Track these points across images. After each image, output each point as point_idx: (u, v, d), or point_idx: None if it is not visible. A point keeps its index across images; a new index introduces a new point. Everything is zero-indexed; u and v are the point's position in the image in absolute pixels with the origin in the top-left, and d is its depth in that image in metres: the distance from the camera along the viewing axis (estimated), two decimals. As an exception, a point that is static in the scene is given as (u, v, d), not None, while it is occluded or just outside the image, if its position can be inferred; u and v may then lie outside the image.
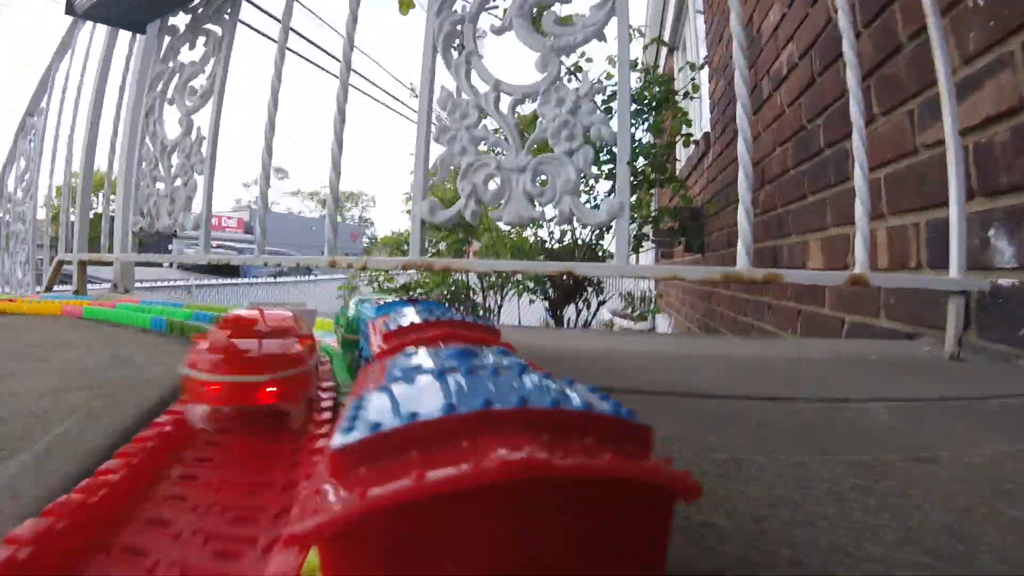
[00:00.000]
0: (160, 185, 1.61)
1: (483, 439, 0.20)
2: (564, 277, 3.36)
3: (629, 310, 5.00)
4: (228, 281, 8.42)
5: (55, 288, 2.14)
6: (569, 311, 3.70)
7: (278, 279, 9.01)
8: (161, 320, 0.99)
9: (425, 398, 0.22)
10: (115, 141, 1.86)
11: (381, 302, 0.55)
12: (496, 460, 0.18)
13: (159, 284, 7.25)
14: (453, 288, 3.59)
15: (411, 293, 3.59)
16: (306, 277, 9.70)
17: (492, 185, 1.05)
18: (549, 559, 0.20)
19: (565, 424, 0.22)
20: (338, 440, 0.20)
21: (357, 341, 0.66)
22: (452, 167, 1.09)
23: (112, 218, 1.78)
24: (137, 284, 2.24)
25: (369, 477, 0.18)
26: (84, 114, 1.94)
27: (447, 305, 0.57)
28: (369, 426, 0.20)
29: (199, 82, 1.55)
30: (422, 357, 0.31)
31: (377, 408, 0.22)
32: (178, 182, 1.55)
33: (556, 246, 3.56)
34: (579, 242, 3.44)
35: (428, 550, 0.18)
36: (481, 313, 3.55)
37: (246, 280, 8.89)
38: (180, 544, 0.29)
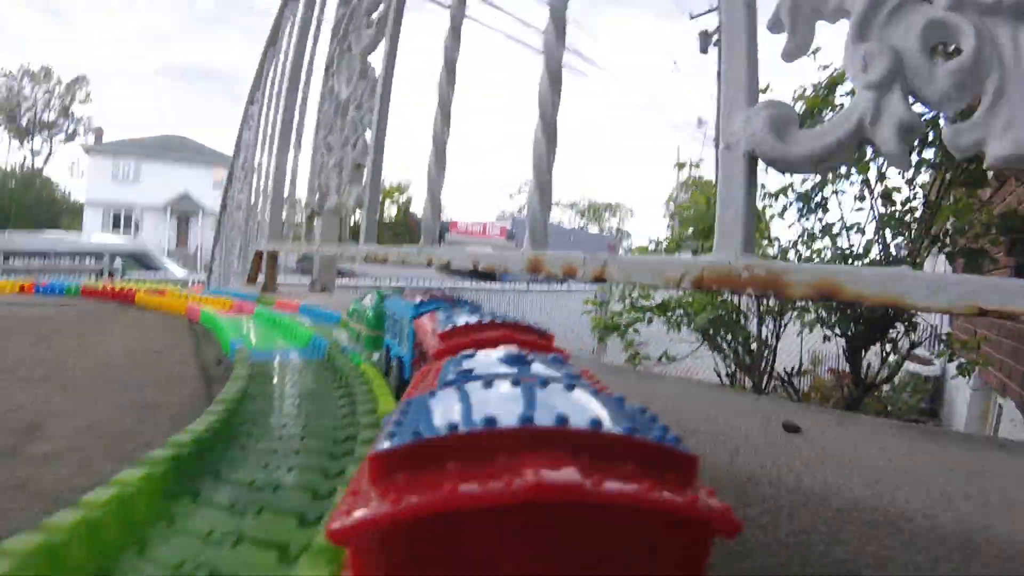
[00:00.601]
0: (332, 155, 1.39)
1: (522, 456, 0.20)
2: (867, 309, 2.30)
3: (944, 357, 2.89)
4: (474, 285, 7.14)
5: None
6: (870, 354, 2.55)
7: (529, 287, 7.53)
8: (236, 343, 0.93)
9: (469, 408, 0.23)
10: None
11: (418, 299, 0.55)
12: (528, 481, 0.18)
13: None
14: (721, 313, 2.69)
15: (671, 312, 2.82)
16: (561, 287, 7.74)
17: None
18: (578, 582, 0.20)
19: (606, 447, 0.22)
20: (380, 445, 0.21)
21: (379, 337, 0.65)
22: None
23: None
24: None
25: (406, 484, 0.19)
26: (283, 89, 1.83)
27: (480, 307, 0.56)
28: (410, 434, 0.20)
29: (376, 14, 1.33)
30: (475, 362, 0.32)
31: (420, 416, 0.22)
32: (347, 146, 1.33)
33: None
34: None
35: (455, 562, 0.18)
36: (753, 347, 2.70)
37: (497, 286, 7.78)
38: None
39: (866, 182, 2.44)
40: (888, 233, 2.43)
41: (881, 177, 2.40)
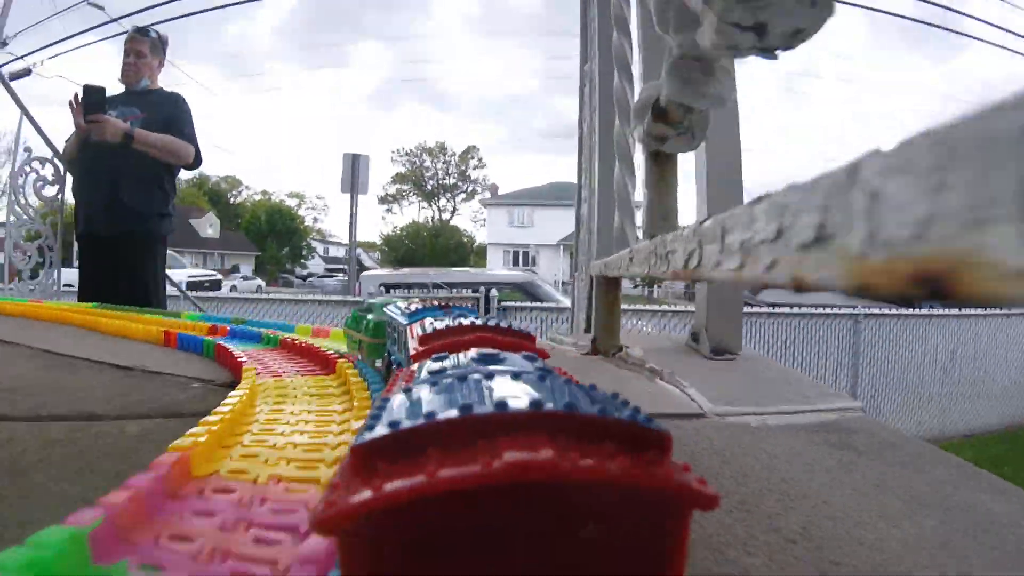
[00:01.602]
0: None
1: (500, 440, 0.21)
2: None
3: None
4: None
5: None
6: None
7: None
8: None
9: (445, 399, 0.23)
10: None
11: (412, 308, 0.56)
12: (506, 461, 0.18)
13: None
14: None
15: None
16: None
17: None
18: (562, 563, 0.20)
19: (581, 427, 0.22)
20: (359, 437, 0.21)
21: (381, 345, 0.67)
22: None
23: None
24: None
25: (387, 473, 0.19)
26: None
27: (477, 311, 0.57)
28: (388, 424, 0.21)
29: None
30: (449, 360, 0.32)
31: (397, 408, 0.22)
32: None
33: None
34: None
35: (440, 546, 0.19)
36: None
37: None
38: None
39: None
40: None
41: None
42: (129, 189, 2.04)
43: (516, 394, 0.24)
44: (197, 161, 2.18)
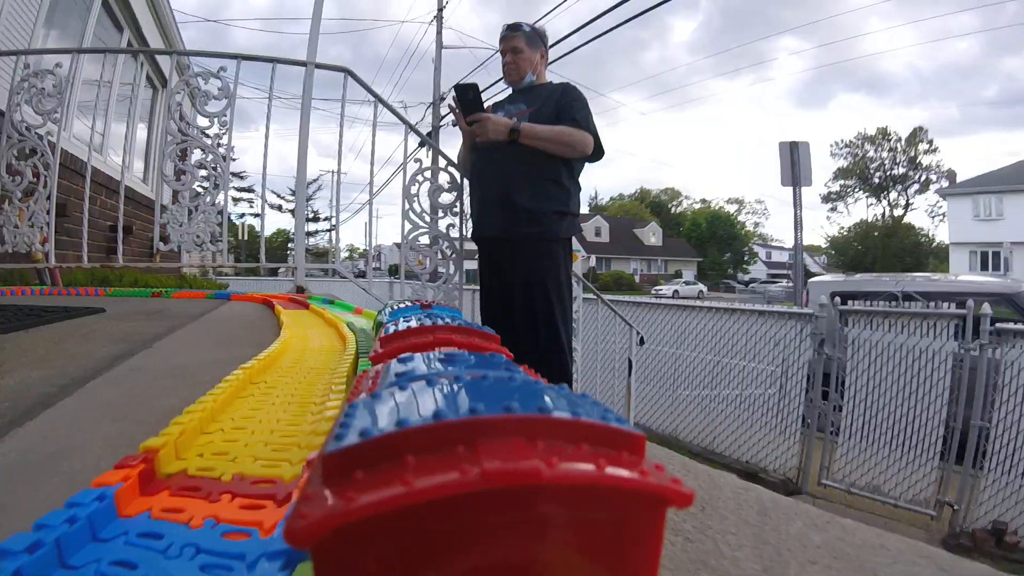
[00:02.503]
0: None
1: (477, 445, 0.20)
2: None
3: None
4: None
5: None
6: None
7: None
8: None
9: (417, 404, 0.23)
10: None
11: (398, 306, 0.56)
12: (485, 468, 0.18)
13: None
14: None
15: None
16: None
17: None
18: (543, 564, 0.20)
19: (558, 431, 0.22)
20: (330, 445, 0.20)
21: None
22: None
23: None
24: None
25: (363, 482, 0.19)
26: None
27: (445, 313, 0.57)
28: (359, 432, 0.20)
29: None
30: (415, 362, 0.31)
31: (368, 414, 0.22)
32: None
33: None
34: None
35: (418, 554, 0.18)
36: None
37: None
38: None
39: None
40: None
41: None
42: (521, 188, 1.82)
43: (489, 397, 0.24)
44: (598, 152, 1.87)
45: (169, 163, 2.20)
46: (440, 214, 2.37)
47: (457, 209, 2.38)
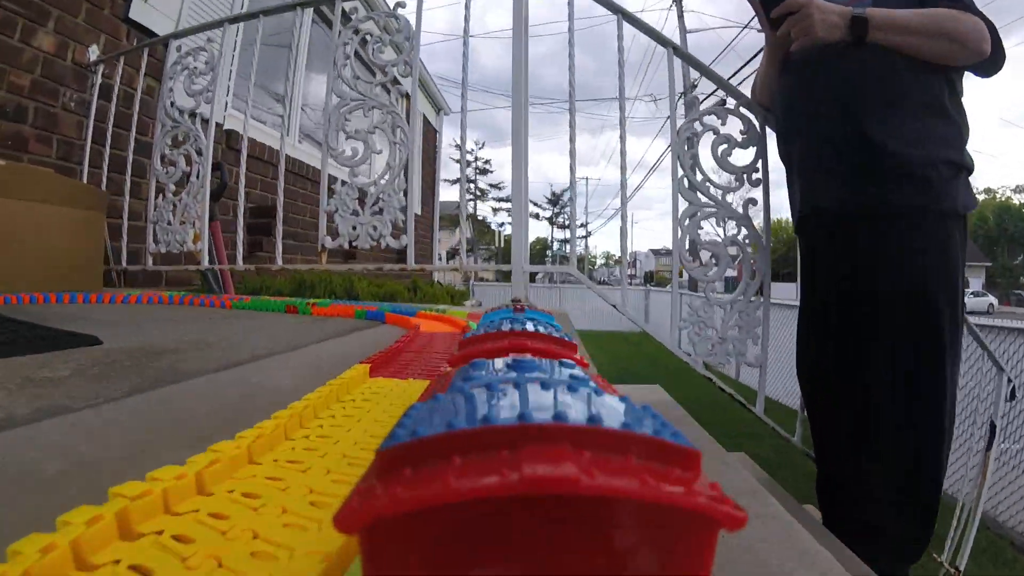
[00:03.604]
0: None
1: (521, 451, 0.21)
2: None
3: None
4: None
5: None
6: None
7: None
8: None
9: (471, 407, 0.23)
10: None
11: (494, 309, 0.58)
12: (524, 474, 0.18)
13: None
14: None
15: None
16: None
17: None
18: (577, 574, 0.20)
19: (606, 442, 0.22)
20: (387, 441, 0.22)
21: None
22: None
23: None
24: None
25: (409, 478, 0.20)
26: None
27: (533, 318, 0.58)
28: (412, 432, 0.21)
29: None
30: (482, 368, 0.32)
31: (422, 415, 0.23)
32: None
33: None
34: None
35: (456, 552, 0.19)
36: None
37: None
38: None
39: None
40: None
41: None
42: (882, 122, 1.07)
43: (543, 404, 0.24)
44: (997, 53, 1.07)
45: (338, 132, 1.75)
46: (731, 181, 1.54)
47: (758, 175, 1.50)
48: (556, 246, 45.85)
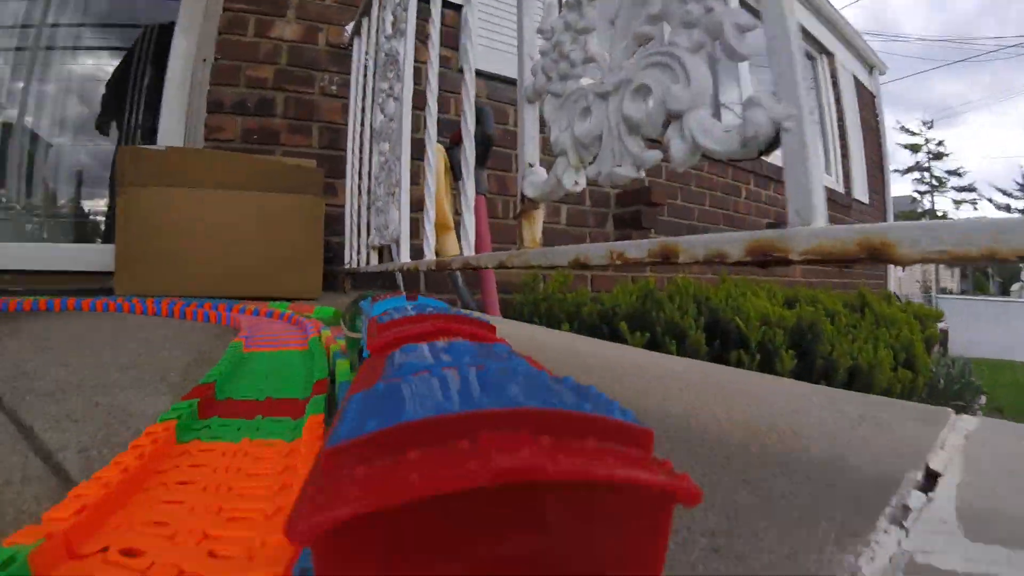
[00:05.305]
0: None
1: (481, 440, 0.20)
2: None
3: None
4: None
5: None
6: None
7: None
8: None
9: (420, 397, 0.22)
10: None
11: (381, 298, 0.55)
12: (488, 464, 0.17)
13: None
14: None
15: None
16: None
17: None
18: (544, 562, 0.19)
19: (565, 425, 0.21)
20: (333, 439, 0.20)
21: (359, 339, 0.67)
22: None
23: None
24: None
25: (364, 478, 0.18)
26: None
27: (430, 303, 0.56)
28: (357, 427, 0.19)
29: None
30: (418, 353, 0.31)
31: (370, 407, 0.21)
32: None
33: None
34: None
35: (420, 551, 0.18)
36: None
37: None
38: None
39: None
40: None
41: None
42: None
43: (494, 389, 0.23)
44: None
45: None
46: None
47: None
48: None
